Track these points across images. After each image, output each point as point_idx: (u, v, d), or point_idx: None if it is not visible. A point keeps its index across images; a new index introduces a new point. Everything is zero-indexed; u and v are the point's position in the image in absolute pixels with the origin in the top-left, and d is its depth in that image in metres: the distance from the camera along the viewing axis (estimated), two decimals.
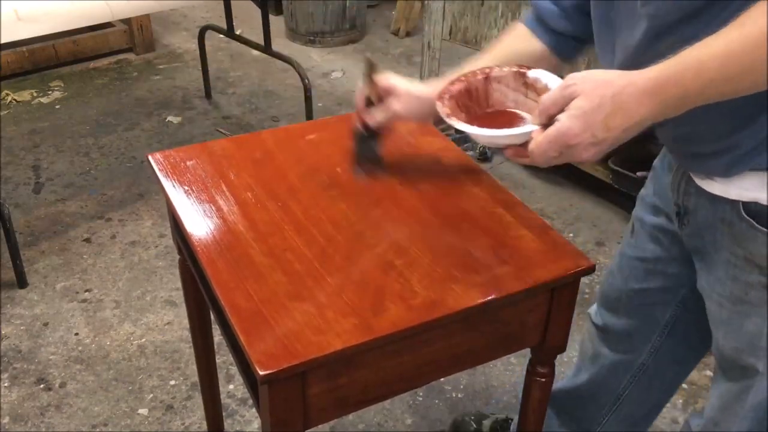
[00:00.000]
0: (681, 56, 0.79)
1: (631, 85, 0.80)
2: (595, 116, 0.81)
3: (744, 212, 0.96)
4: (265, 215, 1.10)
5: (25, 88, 3.41)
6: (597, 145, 0.83)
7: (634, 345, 1.33)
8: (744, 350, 1.04)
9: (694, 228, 1.07)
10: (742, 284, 1.00)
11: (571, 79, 0.84)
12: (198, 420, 1.80)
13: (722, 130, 0.92)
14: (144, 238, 2.45)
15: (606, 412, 1.44)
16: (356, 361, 0.93)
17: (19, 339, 2.04)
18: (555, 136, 0.84)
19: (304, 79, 2.82)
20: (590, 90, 0.82)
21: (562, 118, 0.83)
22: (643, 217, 1.23)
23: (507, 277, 0.99)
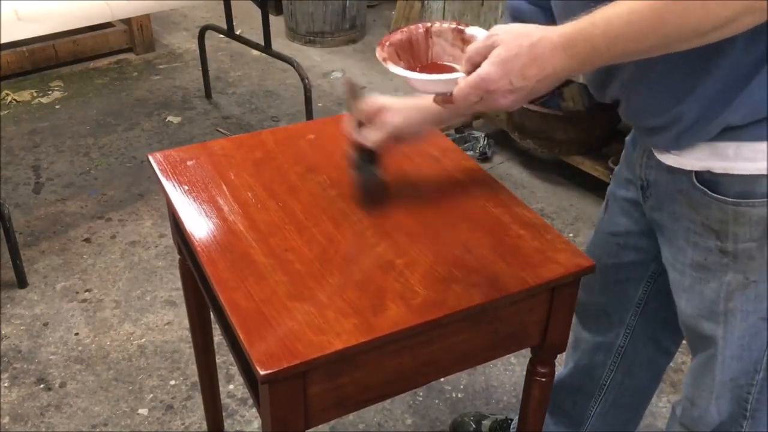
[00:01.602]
0: (592, 15, 0.84)
1: (545, 38, 0.86)
2: (512, 64, 0.86)
3: (697, 181, 1.00)
4: (266, 215, 1.10)
5: (25, 88, 3.41)
6: (514, 92, 0.88)
7: (611, 324, 1.36)
8: (704, 316, 1.08)
9: (655, 200, 1.11)
10: (701, 250, 1.04)
11: (493, 30, 0.89)
12: (198, 420, 1.80)
13: (664, 103, 0.96)
14: (144, 238, 2.45)
15: (593, 403, 1.47)
16: (357, 360, 0.93)
17: (19, 339, 2.04)
18: (475, 81, 0.88)
19: (304, 79, 2.82)
20: (509, 40, 0.87)
21: (483, 65, 0.88)
22: (615, 192, 1.27)
23: (507, 277, 0.99)
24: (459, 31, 1.03)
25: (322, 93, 3.43)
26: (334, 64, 3.75)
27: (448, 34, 1.04)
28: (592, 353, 1.41)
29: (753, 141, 0.94)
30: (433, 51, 1.05)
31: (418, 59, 1.05)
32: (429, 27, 1.04)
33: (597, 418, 1.48)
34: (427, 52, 1.05)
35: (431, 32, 1.04)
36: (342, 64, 3.76)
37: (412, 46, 1.04)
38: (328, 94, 3.45)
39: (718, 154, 0.97)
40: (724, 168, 0.97)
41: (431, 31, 1.04)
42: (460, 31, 1.03)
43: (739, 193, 0.97)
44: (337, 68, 3.71)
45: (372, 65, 3.75)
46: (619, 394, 1.44)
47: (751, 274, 1.02)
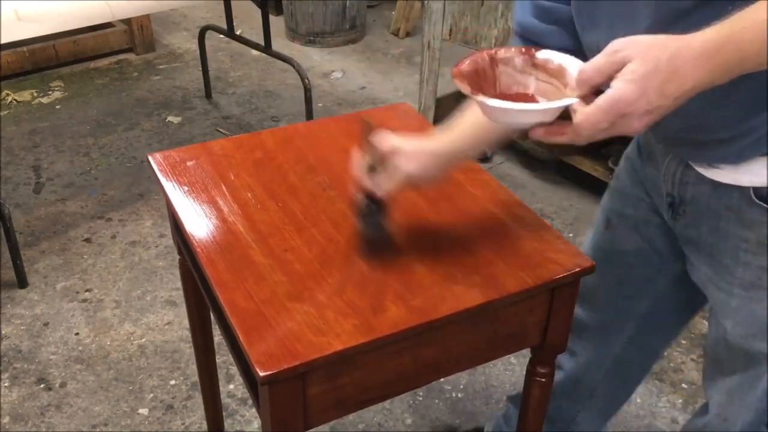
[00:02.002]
0: (733, 20, 0.74)
1: (687, 47, 0.74)
2: (651, 80, 0.73)
3: (755, 197, 0.94)
4: (265, 215, 1.10)
5: (25, 88, 3.41)
6: (650, 113, 0.76)
7: (609, 338, 1.34)
8: (756, 336, 1.03)
9: (692, 218, 1.06)
10: (754, 269, 0.99)
11: (617, 44, 0.76)
12: (198, 420, 1.80)
13: (735, 116, 0.90)
14: (144, 238, 2.45)
15: (580, 408, 1.46)
16: (356, 361, 0.93)
17: (20, 339, 2.04)
18: (609, 103, 0.75)
19: (304, 79, 2.82)
20: (643, 53, 0.74)
21: (616, 84, 0.74)
22: (622, 211, 1.22)
23: (507, 277, 0.99)
24: (529, 56, 0.92)
25: (322, 93, 3.43)
26: (334, 64, 3.75)
27: (516, 61, 0.93)
28: (588, 365, 1.39)
29: None
30: (500, 81, 0.93)
31: (486, 91, 0.91)
32: (494, 55, 0.93)
33: (582, 420, 1.48)
34: (494, 83, 0.93)
35: (497, 60, 0.93)
36: (342, 64, 3.76)
37: (479, 77, 0.92)
38: (328, 94, 3.45)
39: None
40: None
41: (497, 59, 0.93)
42: (530, 56, 0.92)
43: None
44: (337, 68, 3.71)
45: (372, 65, 3.75)
46: (609, 399, 1.44)
47: None
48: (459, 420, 1.84)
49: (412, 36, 4.06)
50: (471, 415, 1.85)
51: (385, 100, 3.37)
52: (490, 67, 0.93)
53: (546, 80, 0.90)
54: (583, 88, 0.78)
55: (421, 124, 1.39)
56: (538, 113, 0.83)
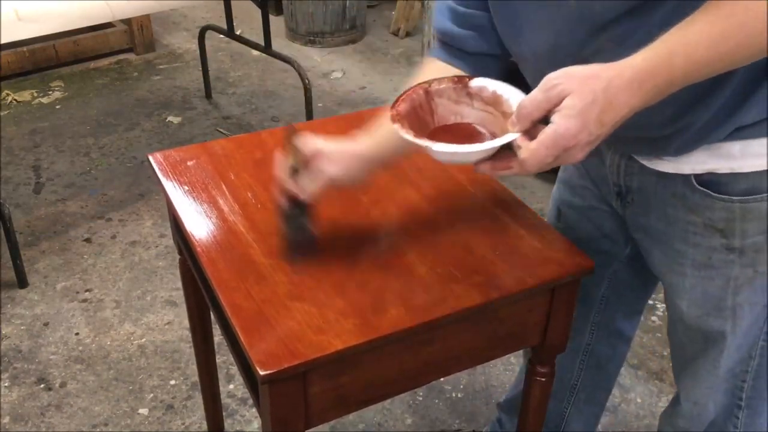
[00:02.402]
0: (663, 42, 0.77)
1: (619, 76, 0.76)
2: (590, 113, 0.76)
3: (697, 184, 0.98)
4: (266, 215, 1.10)
5: (25, 88, 3.41)
6: (591, 143, 0.79)
7: (577, 328, 1.36)
8: (710, 314, 1.07)
9: (640, 206, 1.09)
10: (704, 249, 1.02)
11: (553, 80, 0.78)
12: (198, 420, 1.81)
13: (671, 115, 0.92)
14: (144, 238, 2.45)
15: (565, 405, 1.49)
16: (357, 361, 0.93)
17: (20, 339, 2.05)
18: (553, 139, 0.77)
19: (304, 79, 2.82)
20: (579, 87, 0.76)
21: (557, 120, 0.77)
22: (570, 201, 1.26)
23: (507, 277, 0.99)
24: (462, 86, 0.93)
25: (322, 93, 3.43)
26: (334, 64, 3.75)
27: (450, 93, 0.94)
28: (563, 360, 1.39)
29: (762, 137, 0.92)
30: (437, 113, 0.94)
31: (425, 125, 0.93)
32: (428, 88, 0.94)
33: (573, 417, 1.50)
34: (432, 116, 0.94)
35: (432, 94, 0.94)
36: (342, 64, 3.76)
37: (416, 113, 0.93)
38: (328, 94, 3.45)
39: (722, 155, 0.94)
40: (731, 168, 0.94)
41: (431, 92, 0.94)
42: (463, 85, 0.93)
43: (746, 190, 0.95)
44: (337, 68, 3.71)
45: (372, 65, 3.75)
46: (592, 389, 1.47)
47: (759, 266, 1.01)
48: (459, 420, 1.84)
49: (412, 36, 4.06)
50: (471, 415, 1.85)
51: (385, 100, 3.36)
52: (426, 101, 0.94)
53: (482, 108, 0.92)
54: (524, 123, 0.80)
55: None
56: (483, 152, 0.84)
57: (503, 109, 0.89)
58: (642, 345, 2.05)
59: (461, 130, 0.92)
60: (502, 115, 0.88)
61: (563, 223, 1.28)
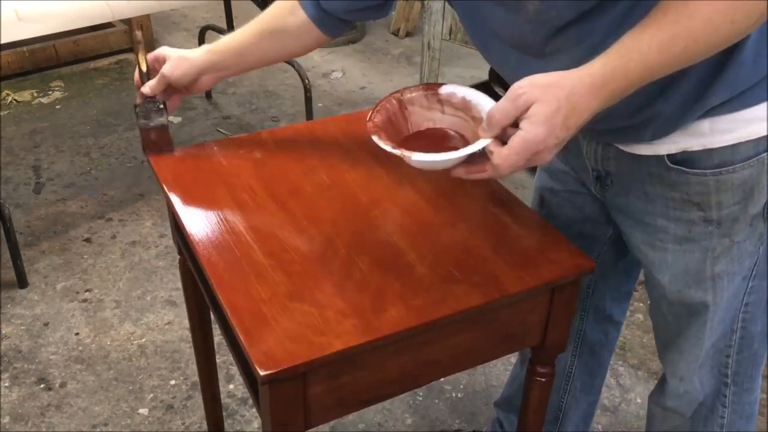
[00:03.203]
0: (617, 49, 0.83)
1: (579, 83, 0.83)
2: (555, 119, 0.83)
3: (670, 162, 1.01)
4: (265, 215, 1.10)
5: (25, 88, 3.41)
6: (558, 145, 0.86)
7: None
8: (691, 286, 1.10)
9: (619, 188, 1.12)
10: (684, 223, 1.06)
11: (518, 89, 0.85)
12: (198, 420, 1.81)
13: (637, 105, 0.95)
14: (144, 238, 2.45)
15: (562, 395, 1.51)
16: (357, 361, 0.93)
17: (20, 339, 2.05)
18: (522, 145, 0.84)
19: (304, 79, 2.82)
20: (543, 94, 0.83)
21: (525, 127, 0.84)
22: (552, 186, 1.30)
23: (507, 277, 0.99)
24: (433, 94, 1.00)
25: (322, 93, 3.43)
26: (334, 64, 3.75)
27: (422, 100, 1.01)
28: None
29: (728, 113, 0.95)
30: (411, 121, 1.02)
31: (400, 132, 1.01)
32: (401, 98, 1.01)
33: (570, 407, 1.52)
34: (406, 124, 1.02)
35: (404, 103, 1.01)
36: (342, 64, 3.76)
37: (392, 122, 1.00)
38: (328, 94, 3.45)
39: (692, 134, 0.97)
40: (702, 145, 0.98)
41: (404, 101, 1.01)
42: (433, 93, 1.00)
43: (718, 163, 0.98)
44: (337, 68, 3.71)
45: (372, 65, 3.75)
46: (586, 375, 1.49)
47: (735, 236, 1.05)
48: (459, 420, 1.84)
49: (412, 36, 4.06)
50: (471, 415, 1.85)
51: None
52: (400, 110, 1.01)
53: (453, 114, 1.00)
54: (494, 130, 0.87)
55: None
56: (458, 159, 0.91)
57: (473, 114, 0.96)
58: (642, 345, 2.05)
59: (435, 135, 1.00)
60: (472, 120, 0.97)
61: (546, 209, 1.32)
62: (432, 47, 2.78)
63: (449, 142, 0.98)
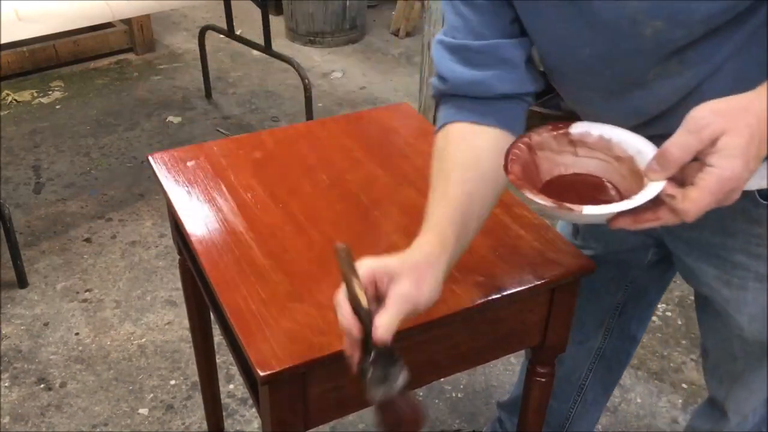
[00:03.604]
0: None
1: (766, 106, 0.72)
2: (750, 150, 0.71)
3: (761, 198, 0.95)
4: (265, 215, 1.10)
5: (25, 88, 3.41)
6: (747, 180, 0.73)
7: (589, 332, 1.37)
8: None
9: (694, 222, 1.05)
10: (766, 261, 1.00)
11: (701, 119, 0.72)
12: (198, 420, 1.81)
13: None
14: (144, 238, 2.45)
15: (572, 405, 1.48)
16: None
17: (20, 339, 2.05)
18: (718, 183, 0.71)
19: (304, 79, 2.82)
20: (734, 124, 0.71)
21: (717, 162, 0.71)
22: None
23: (507, 277, 0.99)
24: (563, 134, 0.86)
25: (322, 93, 3.43)
26: (334, 64, 3.75)
27: (551, 143, 0.87)
28: (572, 360, 1.41)
29: None
30: (541, 168, 0.87)
31: (534, 182, 0.85)
32: (529, 143, 0.86)
33: (578, 418, 1.50)
34: (537, 170, 0.87)
35: (533, 148, 0.86)
36: (342, 64, 3.76)
37: (526, 172, 0.85)
38: (328, 94, 3.45)
39: None
40: None
41: (533, 146, 0.86)
42: (563, 134, 0.86)
43: None
44: (337, 68, 3.71)
45: (372, 65, 3.75)
46: (599, 390, 1.47)
47: None
48: (459, 420, 1.84)
49: (412, 36, 4.06)
50: (471, 415, 1.85)
51: (385, 100, 3.37)
52: (530, 156, 0.86)
53: (588, 155, 0.85)
54: (671, 169, 0.74)
55: (420, 124, 1.39)
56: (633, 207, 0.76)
57: (615, 153, 0.83)
58: (642, 345, 2.05)
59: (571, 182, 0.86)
60: (616, 160, 0.83)
61: (580, 239, 1.26)
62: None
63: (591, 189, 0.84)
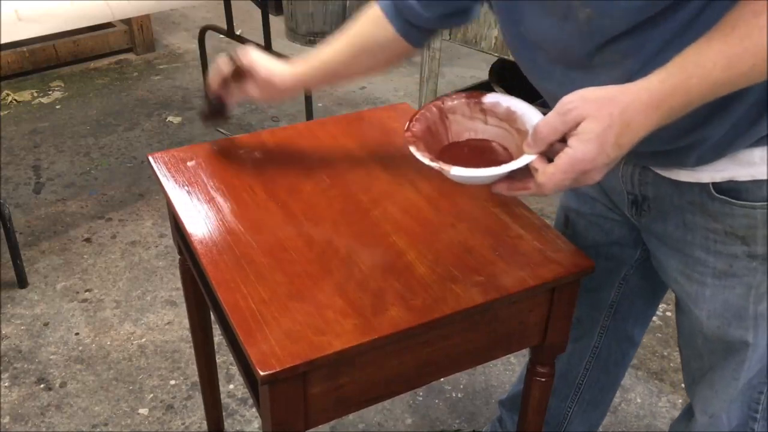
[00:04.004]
0: (679, 64, 0.77)
1: (636, 100, 0.77)
2: (607, 137, 0.77)
3: (715, 192, 0.95)
4: (265, 215, 1.10)
5: (25, 88, 3.41)
6: (608, 165, 0.80)
7: (585, 330, 1.37)
8: (731, 323, 1.04)
9: (657, 214, 1.07)
10: (725, 257, 1.00)
11: (568, 103, 0.79)
12: (198, 420, 1.81)
13: (684, 127, 0.90)
14: (144, 238, 2.45)
15: (569, 404, 1.48)
16: (357, 361, 0.93)
17: (20, 339, 2.05)
18: (570, 164, 0.78)
19: None
20: (596, 110, 0.77)
21: (574, 144, 0.78)
22: (579, 209, 1.25)
23: (507, 277, 0.99)
24: (476, 102, 0.94)
25: (322, 93, 3.43)
26: None
27: (464, 109, 0.95)
28: (568, 358, 1.41)
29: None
30: (451, 130, 0.96)
31: (439, 142, 0.94)
32: (442, 106, 0.95)
33: (576, 417, 1.50)
34: (446, 134, 0.96)
35: (445, 111, 0.95)
36: None
37: (431, 132, 0.94)
38: (328, 94, 3.45)
39: (740, 162, 0.92)
40: (752, 175, 0.92)
41: (444, 110, 0.95)
42: (476, 102, 0.94)
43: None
44: None
45: None
46: (596, 390, 1.46)
47: None
48: (459, 420, 1.84)
49: None
50: (471, 415, 1.85)
51: (385, 100, 3.37)
52: (440, 119, 0.95)
53: (496, 124, 0.93)
54: (540, 145, 0.82)
55: None
56: (500, 175, 0.86)
57: (517, 126, 0.90)
58: (642, 345, 2.05)
59: (476, 147, 0.94)
60: (517, 132, 0.90)
61: (571, 229, 1.27)
62: (432, 47, 2.77)
63: (491, 155, 0.92)
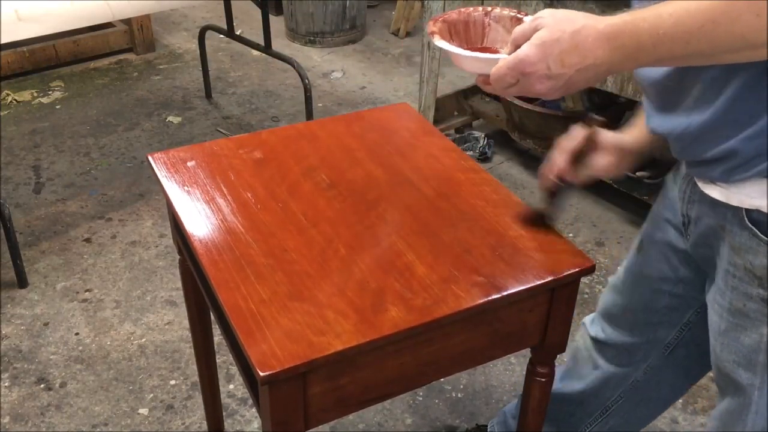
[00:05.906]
0: (643, 9, 0.82)
1: (589, 26, 0.83)
2: (552, 48, 0.84)
3: (747, 220, 0.93)
4: (265, 215, 1.10)
5: (25, 88, 3.41)
6: (551, 78, 0.85)
7: (633, 360, 1.31)
8: (740, 364, 1.01)
9: (698, 237, 1.05)
10: (740, 295, 0.97)
11: (540, 13, 0.87)
12: (198, 420, 1.81)
13: (715, 138, 0.90)
14: (144, 238, 2.45)
15: (591, 421, 1.43)
16: (357, 361, 0.93)
17: (20, 339, 2.04)
18: (513, 62, 0.86)
19: (304, 79, 2.82)
20: (552, 23, 0.84)
21: (523, 46, 0.86)
22: (653, 234, 1.20)
23: (507, 277, 0.99)
24: (517, 20, 1.00)
25: (322, 93, 3.43)
26: (334, 64, 3.75)
27: (506, 21, 1.02)
28: (606, 380, 1.36)
29: None
30: (489, 36, 1.02)
31: (471, 42, 1.01)
32: (489, 11, 1.02)
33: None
34: (482, 36, 1.03)
35: (490, 16, 1.02)
36: (342, 64, 3.76)
37: (468, 28, 1.01)
38: (328, 94, 3.45)
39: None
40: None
41: (490, 15, 1.02)
42: (518, 20, 1.00)
43: None
44: (337, 68, 3.71)
45: (372, 65, 3.75)
46: (624, 420, 1.40)
47: None
48: (459, 420, 1.84)
49: (412, 36, 4.06)
50: (471, 415, 1.85)
51: (385, 100, 3.37)
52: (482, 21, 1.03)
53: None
54: (511, 47, 0.89)
55: (420, 124, 1.39)
56: (476, 62, 0.93)
57: None
58: None
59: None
60: None
61: (642, 256, 1.23)
62: (432, 47, 2.77)
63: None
